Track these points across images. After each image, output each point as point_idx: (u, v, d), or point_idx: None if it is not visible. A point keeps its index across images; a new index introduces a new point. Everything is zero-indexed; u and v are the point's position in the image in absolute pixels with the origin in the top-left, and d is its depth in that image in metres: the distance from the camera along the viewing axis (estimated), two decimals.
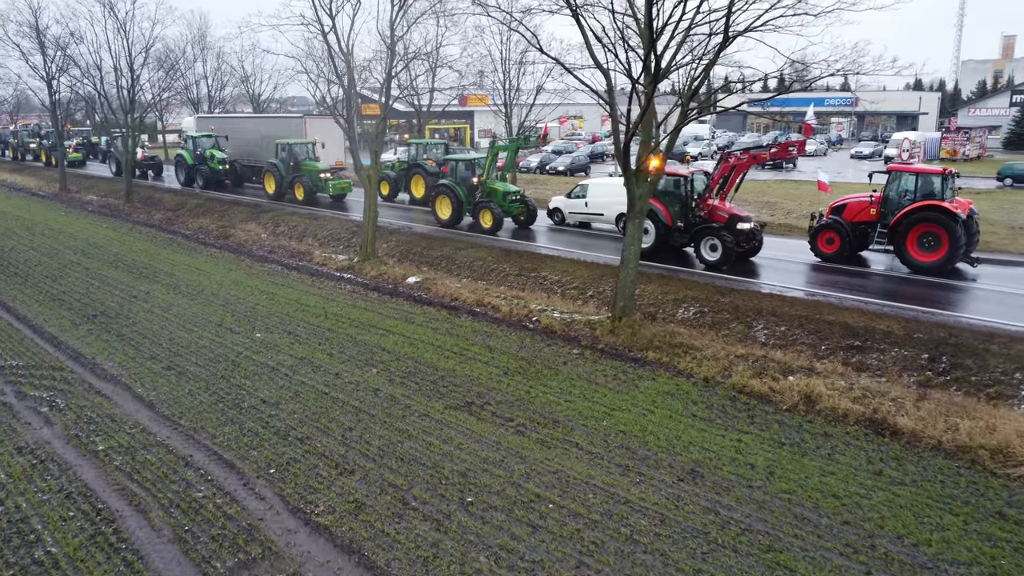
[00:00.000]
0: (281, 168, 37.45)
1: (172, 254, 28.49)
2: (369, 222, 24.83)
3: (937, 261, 20.82)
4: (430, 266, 25.75)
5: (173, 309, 20.60)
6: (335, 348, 17.19)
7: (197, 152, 42.99)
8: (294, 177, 37.07)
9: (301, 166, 37.13)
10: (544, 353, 16.92)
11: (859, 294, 19.35)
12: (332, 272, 24.86)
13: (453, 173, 29.76)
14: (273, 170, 37.80)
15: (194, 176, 43.32)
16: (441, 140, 41.47)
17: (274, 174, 37.77)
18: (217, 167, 42.45)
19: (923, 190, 21.66)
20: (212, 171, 42.54)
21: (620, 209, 27.79)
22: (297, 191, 37.00)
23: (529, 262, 24.33)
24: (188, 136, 42.79)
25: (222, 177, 43.00)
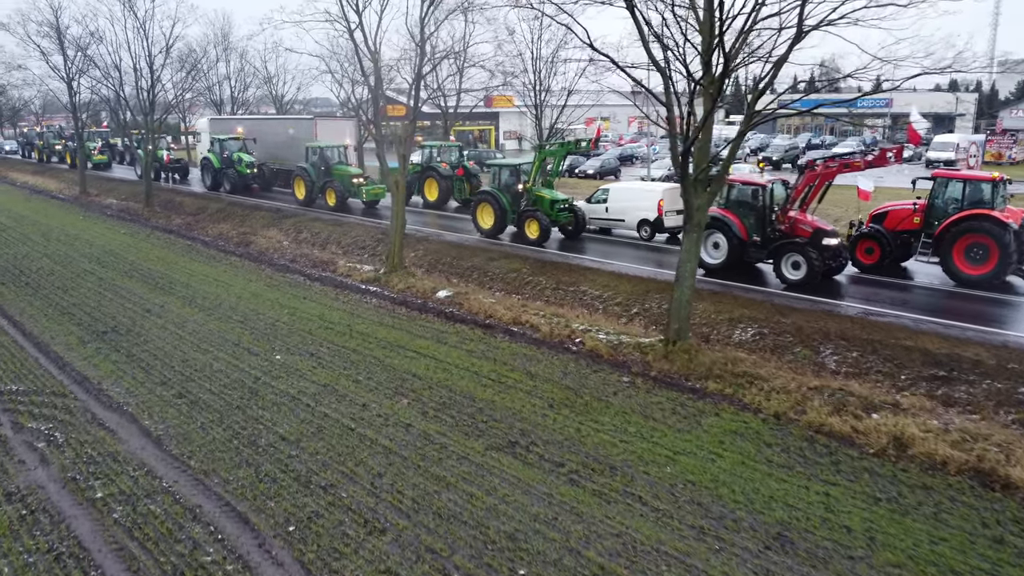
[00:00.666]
0: (312, 173, 35.69)
1: (190, 263, 27.21)
2: (396, 231, 23.35)
3: (985, 274, 19.27)
4: (461, 278, 24.21)
5: (188, 325, 19.23)
6: (361, 373, 15.68)
7: (224, 155, 41.34)
8: (325, 182, 35.31)
9: (332, 170, 35.39)
10: (591, 381, 15.28)
11: (905, 309, 17.55)
12: (357, 284, 23.39)
13: (496, 180, 27.71)
14: (303, 175, 35.97)
15: (220, 180, 41.63)
16: (456, 143, 39.74)
17: (304, 179, 35.95)
18: (245, 171, 40.67)
19: (971, 197, 20.15)
20: (240, 175, 40.77)
21: (642, 215, 26.71)
22: (328, 197, 35.20)
23: (567, 274, 22.71)
24: (215, 139, 41.27)
25: (250, 181, 41.24)
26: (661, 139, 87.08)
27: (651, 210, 26.50)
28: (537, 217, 25.89)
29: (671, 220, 26.30)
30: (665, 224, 26.44)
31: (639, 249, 26.22)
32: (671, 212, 26.22)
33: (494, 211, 26.96)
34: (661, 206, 26.32)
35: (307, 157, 36.15)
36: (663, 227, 26.53)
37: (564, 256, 24.76)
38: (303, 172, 35.99)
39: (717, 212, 21.00)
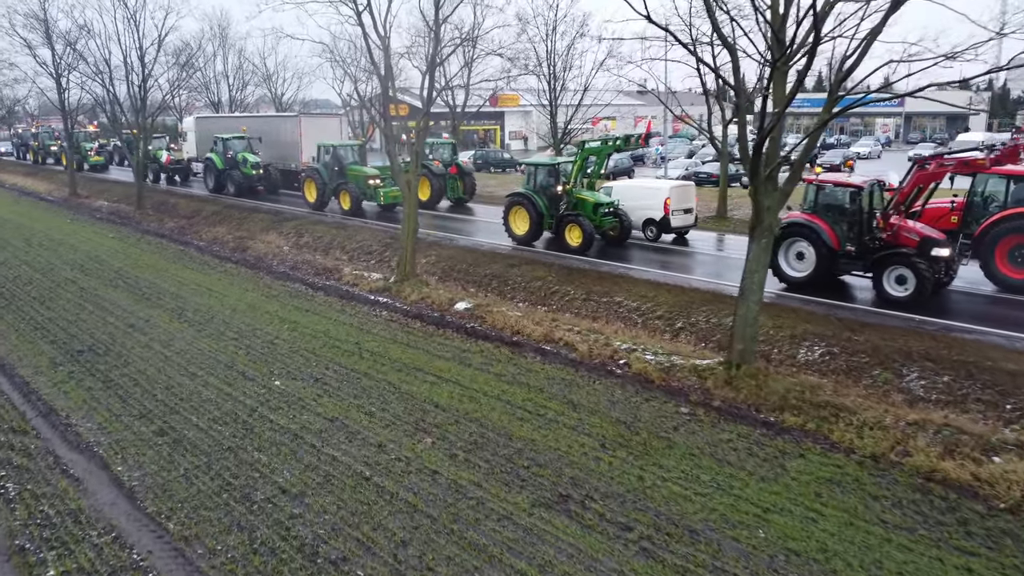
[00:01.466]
0: (324, 174, 32.69)
1: (181, 270, 24.93)
2: (408, 235, 21.09)
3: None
4: (479, 287, 21.95)
5: (175, 343, 16.96)
6: (375, 403, 13.41)
7: (228, 155, 38.29)
8: (339, 184, 32.37)
9: (347, 171, 32.42)
10: (645, 413, 13.02)
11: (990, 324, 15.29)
12: (365, 294, 21.12)
13: (531, 181, 24.93)
14: (315, 176, 32.96)
15: (224, 182, 38.74)
16: (449, 140, 37.76)
17: (316, 180, 32.91)
18: (250, 172, 37.62)
19: (1016, 196, 18.28)
20: (245, 176, 37.80)
21: (647, 214, 25.14)
22: (343, 200, 32.36)
23: (597, 283, 20.45)
24: (217, 137, 38.55)
25: (255, 183, 38.23)
26: (670, 138, 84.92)
27: (657, 209, 24.94)
28: (580, 222, 23.18)
29: (678, 220, 25.11)
30: (672, 224, 25.00)
31: (648, 251, 24.05)
32: (678, 211, 25.04)
33: (529, 216, 24.24)
34: (668, 205, 24.75)
35: (319, 157, 33.24)
36: (669, 227, 25.06)
37: (591, 262, 22.48)
38: (314, 173, 33.05)
39: (802, 218, 18.57)
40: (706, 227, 30.43)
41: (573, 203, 23.82)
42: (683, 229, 25.85)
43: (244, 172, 37.85)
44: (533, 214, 24.17)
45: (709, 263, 22.79)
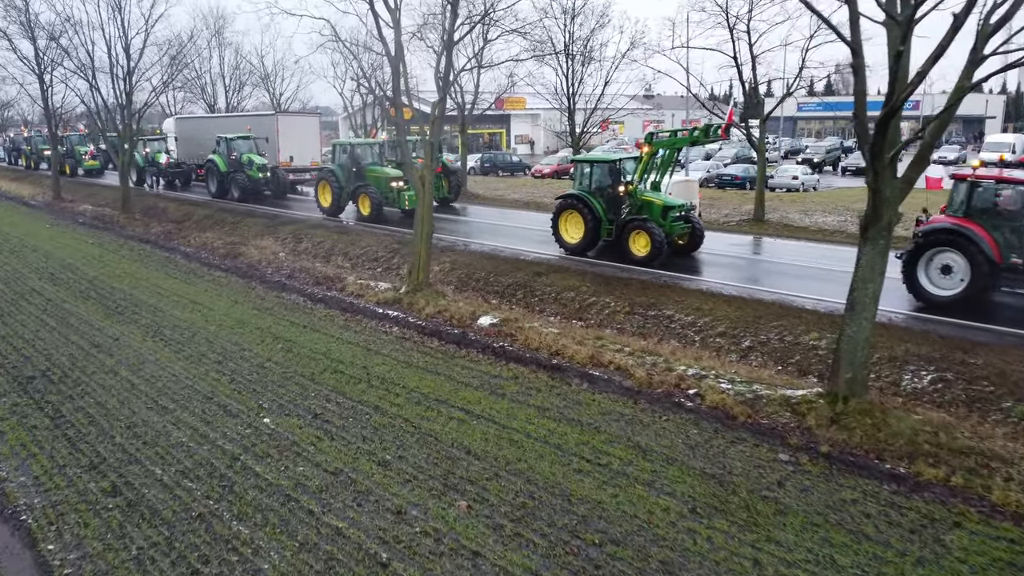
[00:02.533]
0: (340, 176, 29.31)
1: (164, 279, 22.11)
2: (422, 239, 18.29)
3: None
4: (502, 298, 19.16)
5: (146, 368, 14.13)
6: (389, 448, 10.57)
7: (232, 157, 35.15)
8: (357, 187, 29.10)
9: (366, 172, 29.15)
10: (735, 461, 10.18)
11: None
12: (372, 307, 18.29)
13: (585, 180, 21.70)
14: (330, 179, 29.45)
15: (228, 186, 35.59)
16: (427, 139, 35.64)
17: (331, 184, 29.37)
18: (257, 174, 34.54)
19: None
20: (251, 179, 34.66)
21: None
22: (362, 205, 28.97)
23: (640, 293, 17.66)
24: (220, 138, 35.55)
25: (262, 187, 35.20)
26: None
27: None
28: (648, 229, 19.86)
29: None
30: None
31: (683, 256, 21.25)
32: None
33: (584, 221, 20.99)
34: None
35: (334, 156, 30.09)
36: None
37: (626, 269, 19.69)
38: (329, 176, 29.58)
39: (949, 222, 15.54)
40: (743, 230, 27.75)
41: (638, 206, 20.50)
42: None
43: (250, 175, 34.68)
44: (589, 219, 20.83)
45: (759, 269, 20.02)
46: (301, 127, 37.35)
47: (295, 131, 35.99)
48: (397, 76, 17.73)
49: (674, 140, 20.80)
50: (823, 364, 13.54)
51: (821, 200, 35.92)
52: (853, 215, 29.91)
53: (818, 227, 28.40)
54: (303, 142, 37.51)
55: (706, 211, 32.95)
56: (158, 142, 42.80)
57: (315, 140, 39.28)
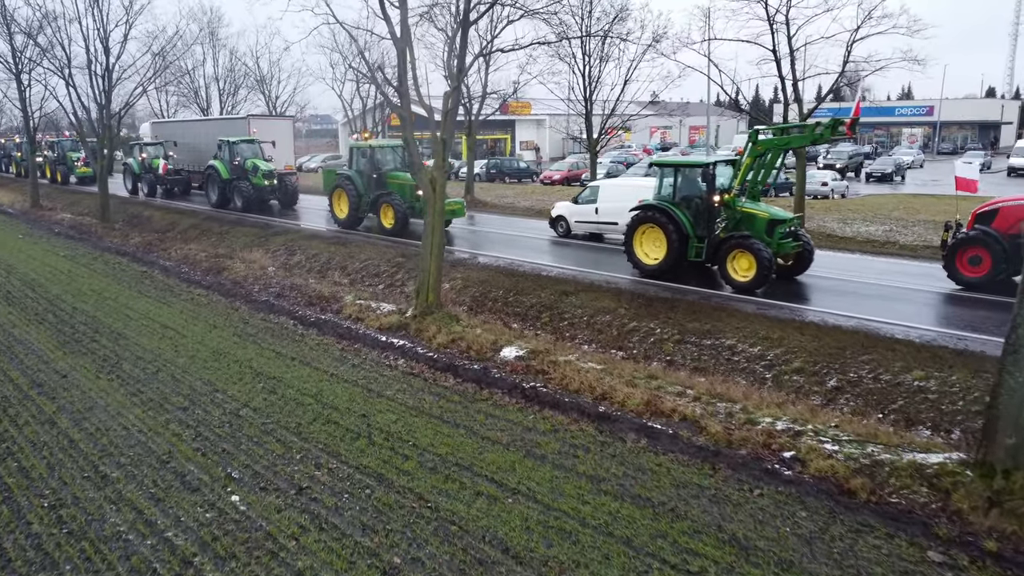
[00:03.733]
0: (358, 183, 25.82)
1: (135, 298, 19.37)
2: (432, 253, 15.57)
3: None
4: (525, 321, 16.42)
5: (93, 417, 11.37)
6: (398, 544, 7.79)
7: (235, 163, 31.65)
8: (378, 196, 25.43)
9: (387, 179, 25.57)
10: (871, 563, 7.41)
11: None
12: (374, 334, 15.52)
13: (668, 187, 17.83)
14: (347, 186, 25.99)
15: (230, 194, 32.08)
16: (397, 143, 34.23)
17: (348, 192, 25.95)
18: (262, 182, 30.95)
19: None
20: (256, 187, 31.12)
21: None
22: (384, 216, 25.33)
23: (691, 318, 14.91)
24: (223, 142, 32.28)
25: (268, 195, 31.83)
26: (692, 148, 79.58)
27: None
28: (752, 247, 16.06)
29: None
30: None
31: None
32: None
33: (667, 237, 17.27)
34: None
35: (352, 161, 26.74)
36: None
37: (669, 288, 16.94)
38: (346, 183, 26.05)
39: None
40: None
41: (736, 220, 16.94)
42: None
43: (255, 182, 31.13)
44: (673, 236, 17.16)
45: (819, 287, 17.23)
46: (274, 130, 35.41)
47: (268, 134, 34.08)
48: (404, 62, 15.02)
49: (788, 140, 17.01)
50: (937, 413, 10.82)
51: (856, 208, 33.17)
52: (898, 225, 27.29)
53: (864, 237, 25.70)
54: (277, 145, 35.91)
55: None
56: (154, 147, 39.55)
57: (289, 143, 37.76)
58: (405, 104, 15.27)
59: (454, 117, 15.73)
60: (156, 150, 39.45)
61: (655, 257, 17.80)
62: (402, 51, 15.07)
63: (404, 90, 15.11)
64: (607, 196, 23.18)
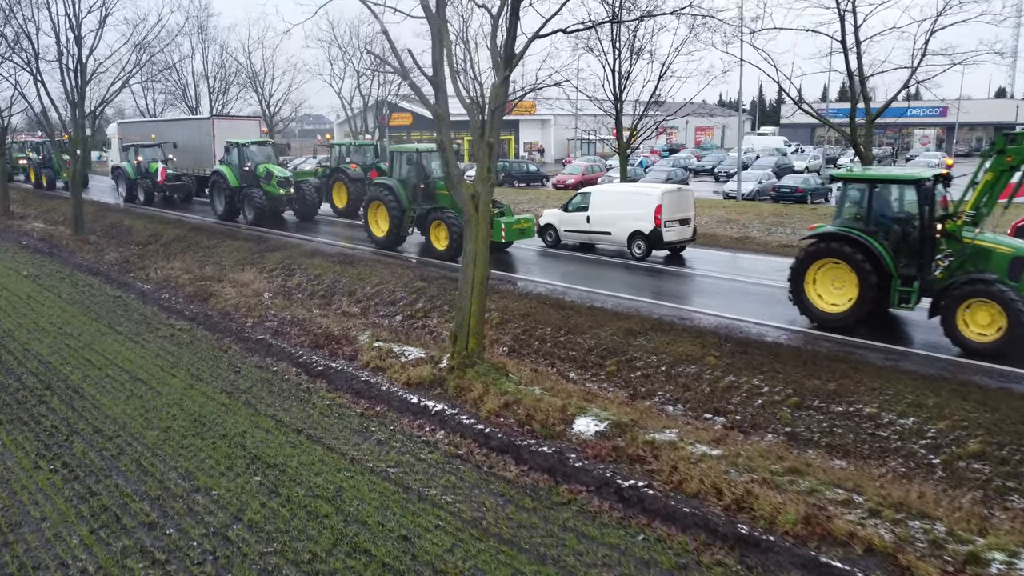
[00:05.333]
0: (401, 194, 21.34)
1: (104, 335, 15.99)
2: (473, 288, 12.27)
3: None
4: (584, 370, 13.20)
5: (16, 546, 8.01)
6: None
7: (245, 168, 27.51)
8: (430, 212, 20.85)
9: (435, 191, 21.14)
10: None
11: None
12: (401, 392, 12.16)
13: (862, 209, 13.46)
14: (387, 199, 21.38)
15: (239, 205, 27.92)
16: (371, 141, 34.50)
17: (389, 206, 21.38)
18: (276, 190, 27.01)
19: None
20: (269, 197, 27.03)
21: (634, 226, 20.21)
22: (436, 236, 20.87)
23: (808, 371, 11.69)
24: (231, 144, 28.67)
25: (282, 205, 27.91)
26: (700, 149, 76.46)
27: (646, 219, 20.09)
28: (998, 295, 11.68)
29: (672, 233, 20.27)
30: (664, 238, 20.09)
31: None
32: (672, 223, 20.23)
33: (860, 277, 12.94)
34: (659, 214, 19.84)
35: (393, 168, 22.60)
36: (661, 242, 20.11)
37: (766, 329, 13.69)
38: (385, 194, 21.44)
39: None
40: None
41: (965, 255, 12.57)
42: (678, 244, 20.83)
43: (268, 191, 27.15)
44: (871, 274, 12.83)
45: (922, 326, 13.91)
46: (240, 131, 33.58)
47: (233, 134, 32.10)
48: (439, 44, 11.73)
49: None
50: None
51: None
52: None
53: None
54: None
55: (775, 232, 27.25)
56: (152, 149, 35.61)
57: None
58: (440, 99, 11.97)
59: (501, 115, 12.41)
60: (153, 153, 35.38)
61: (837, 303, 13.40)
62: (436, 32, 11.78)
63: (440, 80, 11.81)
64: (599, 203, 21.08)
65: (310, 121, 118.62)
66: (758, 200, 39.08)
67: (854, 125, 24.05)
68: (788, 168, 51.80)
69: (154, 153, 35.33)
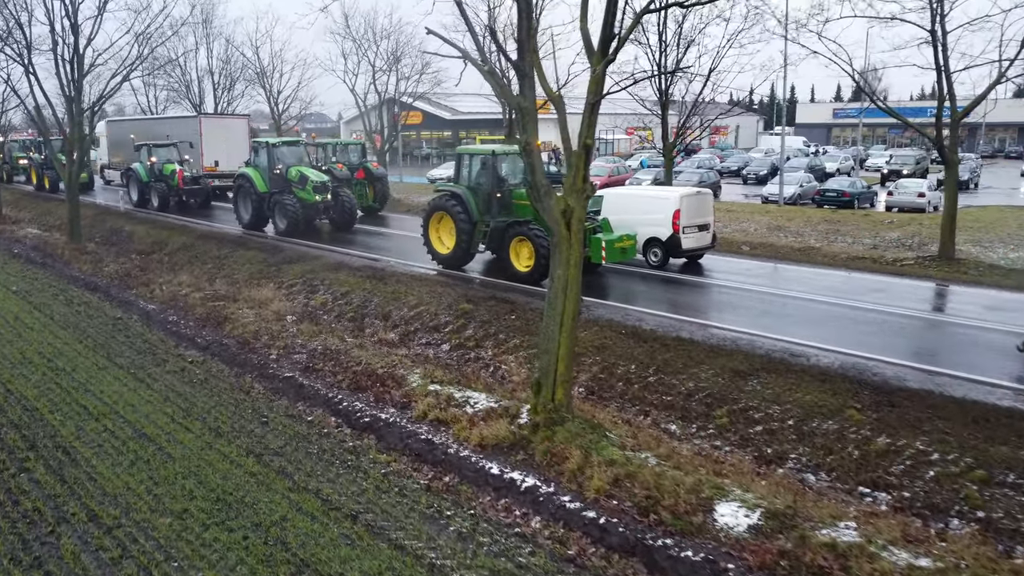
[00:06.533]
0: (472, 205, 18.11)
1: (101, 370, 13.54)
2: (563, 325, 9.84)
3: None
4: (687, 422, 10.84)
5: None
6: None
7: (275, 171, 24.42)
8: (509, 225, 17.51)
9: (513, 201, 18.21)
10: None
11: None
12: (475, 457, 9.70)
13: None
14: (454, 210, 18.13)
15: (268, 212, 24.76)
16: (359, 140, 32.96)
17: (456, 217, 18.19)
18: (312, 197, 23.88)
19: None
20: (304, 204, 23.99)
21: (650, 231, 18.86)
22: (516, 255, 17.54)
23: (992, 436, 9.24)
24: (259, 143, 26.07)
25: (318, 213, 24.82)
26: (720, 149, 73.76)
27: (663, 225, 18.79)
28: None
29: (691, 239, 19.00)
30: (683, 245, 18.82)
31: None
32: (691, 228, 18.94)
33: None
34: (677, 219, 18.54)
35: (460, 171, 19.04)
36: (680, 249, 18.84)
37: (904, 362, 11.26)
38: (452, 204, 18.25)
39: None
40: (947, 275, 19.25)
41: None
42: (697, 252, 19.60)
43: (302, 197, 24.02)
44: None
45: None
46: (228, 130, 33.89)
47: (221, 134, 32.51)
48: (526, 21, 9.27)
49: None
50: None
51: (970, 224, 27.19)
52: None
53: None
54: (230, 146, 33.71)
55: (836, 241, 24.90)
56: (167, 149, 32.47)
57: (243, 144, 34.81)
58: (527, 89, 9.50)
59: (597, 111, 9.94)
60: (168, 153, 32.24)
61: None
62: (524, 8, 9.32)
63: (527, 66, 9.35)
64: (612, 208, 19.02)
65: (311, 120, 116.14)
66: (799, 204, 36.66)
67: (940, 124, 21.65)
68: (820, 170, 49.43)
69: (168, 153, 32.33)
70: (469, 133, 78.83)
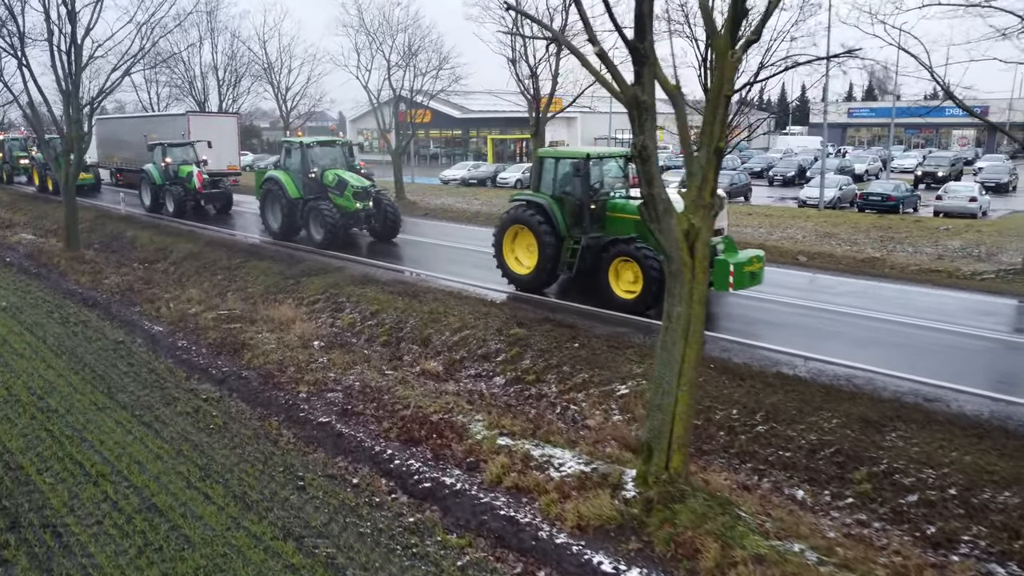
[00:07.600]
0: (558, 218, 15.48)
1: (100, 411, 11.49)
2: (682, 374, 7.81)
3: None
4: (817, 486, 8.91)
5: None
6: None
7: (311, 175, 21.86)
8: (609, 244, 14.74)
9: (607, 214, 15.69)
10: None
11: None
12: (574, 545, 7.66)
13: None
14: (534, 222, 15.54)
15: (302, 221, 22.24)
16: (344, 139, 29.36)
17: (539, 232, 15.46)
18: (352, 205, 21.37)
19: None
20: (342, 212, 21.44)
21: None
22: (618, 277, 14.70)
23: None
24: (290, 144, 23.48)
25: (359, 222, 22.26)
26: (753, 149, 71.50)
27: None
28: None
29: None
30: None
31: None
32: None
33: None
34: None
35: (543, 176, 16.24)
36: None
37: None
38: (531, 216, 15.63)
39: None
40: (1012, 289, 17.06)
41: None
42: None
43: (340, 205, 21.52)
44: None
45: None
46: (217, 128, 33.61)
47: (209, 132, 31.81)
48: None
49: None
50: None
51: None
52: None
53: None
54: (219, 144, 33.10)
55: (896, 250, 22.97)
56: (182, 148, 30.07)
57: (232, 142, 35.80)
58: (646, 79, 7.45)
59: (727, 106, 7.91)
60: (184, 153, 29.84)
61: None
62: None
63: (647, 48, 7.30)
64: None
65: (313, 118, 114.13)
66: (839, 208, 34.64)
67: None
68: (849, 171, 47.48)
69: (185, 153, 29.92)
70: (479, 132, 76.82)
